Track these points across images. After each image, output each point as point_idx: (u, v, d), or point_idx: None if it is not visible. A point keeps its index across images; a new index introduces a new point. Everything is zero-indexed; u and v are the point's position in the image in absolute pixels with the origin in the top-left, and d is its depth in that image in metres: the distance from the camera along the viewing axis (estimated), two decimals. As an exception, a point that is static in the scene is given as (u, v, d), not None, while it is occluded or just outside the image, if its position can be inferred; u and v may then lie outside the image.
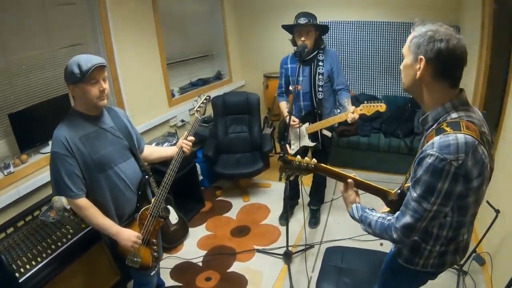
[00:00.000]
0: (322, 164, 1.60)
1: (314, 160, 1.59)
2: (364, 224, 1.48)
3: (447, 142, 1.15)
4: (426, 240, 1.40)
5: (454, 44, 1.17)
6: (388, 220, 1.37)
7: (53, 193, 1.88)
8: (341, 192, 1.64)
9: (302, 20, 2.91)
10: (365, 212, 1.49)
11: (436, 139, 1.18)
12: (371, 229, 1.44)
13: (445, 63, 1.19)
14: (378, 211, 1.52)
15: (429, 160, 1.17)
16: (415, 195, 1.24)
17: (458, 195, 1.19)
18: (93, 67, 1.71)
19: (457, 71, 1.22)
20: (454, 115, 1.23)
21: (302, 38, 2.94)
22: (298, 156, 1.60)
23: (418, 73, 1.23)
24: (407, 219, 1.27)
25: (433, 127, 1.27)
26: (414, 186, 1.26)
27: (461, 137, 1.14)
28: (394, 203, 1.51)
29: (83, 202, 1.83)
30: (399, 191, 1.52)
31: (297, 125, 3.11)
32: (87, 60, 1.72)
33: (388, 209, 1.56)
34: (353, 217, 1.55)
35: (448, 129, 1.18)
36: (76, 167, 1.79)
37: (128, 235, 1.93)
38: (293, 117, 3.09)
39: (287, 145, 3.24)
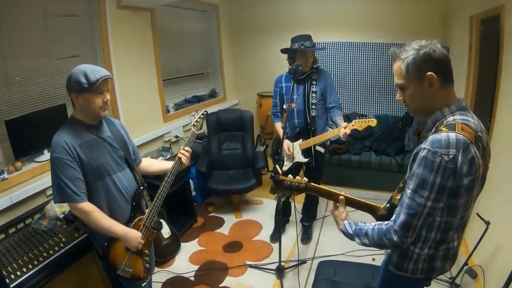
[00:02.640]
0: (313, 184, 1.62)
1: (305, 179, 1.60)
2: (359, 236, 1.46)
3: (438, 138, 1.22)
4: (414, 242, 1.40)
5: (439, 48, 1.28)
6: (386, 224, 1.38)
7: (55, 200, 1.83)
8: (330, 211, 1.64)
9: (308, 44, 3.00)
10: (358, 225, 1.49)
11: (430, 137, 1.26)
12: (368, 239, 1.42)
13: (445, 67, 1.29)
14: None
15: (422, 154, 1.25)
16: (409, 190, 1.29)
17: (450, 191, 1.24)
18: (101, 79, 1.74)
19: (451, 69, 1.31)
20: (450, 118, 1.30)
21: (310, 60, 3.05)
22: (290, 176, 1.61)
23: (432, 89, 1.29)
24: (403, 217, 1.31)
25: (432, 130, 1.34)
26: (409, 183, 1.30)
27: (452, 135, 1.21)
28: (384, 218, 1.53)
29: (87, 206, 1.81)
30: (388, 205, 1.55)
31: (290, 154, 3.15)
32: (95, 71, 1.75)
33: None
34: (345, 234, 1.54)
35: (444, 129, 1.25)
36: (78, 171, 1.78)
37: (136, 236, 1.93)
38: (288, 144, 3.12)
39: (278, 165, 3.25)
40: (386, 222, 1.39)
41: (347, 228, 1.52)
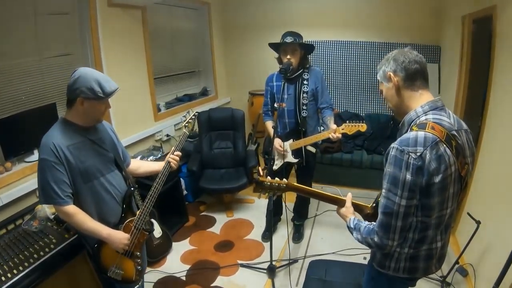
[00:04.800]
0: (294, 184, 1.73)
1: (285, 180, 1.70)
2: (355, 230, 1.54)
3: (407, 137, 1.29)
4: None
5: (404, 52, 1.42)
6: (373, 225, 1.45)
7: (40, 201, 1.83)
8: (336, 210, 1.71)
9: (288, 39, 2.99)
10: (360, 221, 1.57)
11: (401, 136, 1.32)
12: (360, 234, 1.50)
13: (406, 66, 1.39)
14: None
15: (391, 152, 1.31)
16: (384, 190, 1.35)
17: (421, 188, 1.28)
18: (116, 90, 1.79)
19: (417, 69, 1.39)
20: (423, 118, 1.35)
21: (288, 56, 3.01)
22: (268, 177, 1.70)
23: (394, 86, 1.43)
24: (380, 217, 1.39)
25: (408, 130, 1.39)
26: (383, 183, 1.36)
27: (421, 133, 1.27)
28: (371, 217, 1.58)
29: (71, 208, 1.80)
30: (375, 204, 1.58)
31: (282, 151, 3.17)
32: (108, 81, 1.78)
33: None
34: (348, 227, 1.60)
35: (415, 128, 1.31)
36: (65, 174, 1.77)
37: (120, 237, 1.93)
38: (279, 142, 3.15)
39: (269, 164, 3.26)
40: (374, 223, 1.46)
41: (350, 222, 1.59)
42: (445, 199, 1.33)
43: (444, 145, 1.26)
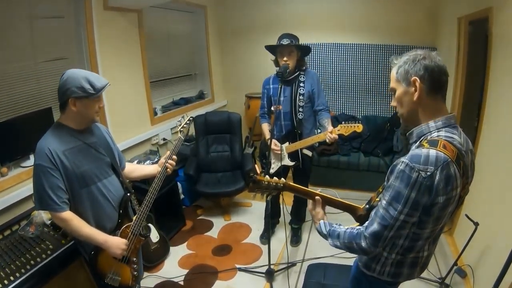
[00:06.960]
0: (291, 183, 1.67)
1: (283, 179, 1.65)
2: (332, 237, 1.50)
3: (418, 154, 1.23)
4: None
5: (434, 58, 1.29)
6: (357, 229, 1.42)
7: (36, 207, 1.82)
8: (309, 210, 1.70)
9: (285, 41, 3.00)
10: (333, 226, 1.54)
11: (411, 151, 1.28)
12: (339, 240, 1.47)
13: (435, 76, 1.28)
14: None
15: (400, 167, 1.25)
16: (384, 202, 1.31)
17: (424, 207, 1.25)
18: (106, 86, 1.79)
19: (444, 81, 1.31)
20: (435, 134, 1.30)
21: (285, 58, 3.02)
22: (267, 176, 1.66)
23: (416, 94, 1.30)
24: (375, 226, 1.33)
25: (416, 143, 1.34)
26: (384, 193, 1.32)
27: (432, 152, 1.21)
28: (363, 218, 1.55)
29: (67, 214, 1.79)
30: (367, 206, 1.57)
31: (279, 150, 3.17)
32: (96, 77, 1.78)
33: (358, 224, 1.59)
34: (320, 233, 1.58)
35: (426, 145, 1.25)
36: (60, 180, 1.76)
37: (117, 243, 1.91)
38: (275, 142, 3.15)
39: (266, 168, 3.26)
40: (357, 227, 1.43)
41: (322, 228, 1.57)
42: (442, 216, 1.31)
43: (454, 166, 1.22)
